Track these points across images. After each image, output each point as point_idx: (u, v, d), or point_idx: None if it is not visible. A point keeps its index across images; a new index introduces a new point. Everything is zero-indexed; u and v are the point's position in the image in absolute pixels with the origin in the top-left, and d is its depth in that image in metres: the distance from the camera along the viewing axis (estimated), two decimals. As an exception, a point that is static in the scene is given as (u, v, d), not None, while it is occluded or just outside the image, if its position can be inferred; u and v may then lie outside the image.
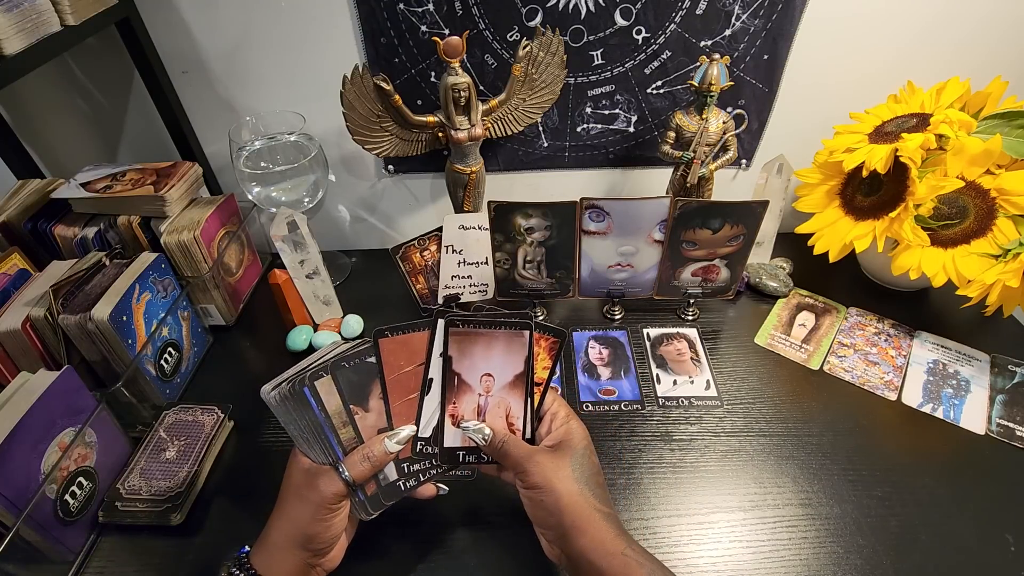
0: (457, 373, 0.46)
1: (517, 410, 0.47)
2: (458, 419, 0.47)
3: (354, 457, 0.43)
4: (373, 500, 0.45)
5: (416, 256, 0.72)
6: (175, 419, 0.63)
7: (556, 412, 0.47)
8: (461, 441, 0.47)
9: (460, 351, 0.46)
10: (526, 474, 0.43)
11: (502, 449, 0.45)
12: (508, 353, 0.46)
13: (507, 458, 0.44)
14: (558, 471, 0.42)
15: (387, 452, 0.44)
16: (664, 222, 0.67)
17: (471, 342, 0.46)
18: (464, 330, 0.46)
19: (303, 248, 0.70)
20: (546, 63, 0.70)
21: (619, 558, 0.39)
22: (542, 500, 0.42)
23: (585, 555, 0.40)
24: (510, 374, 0.47)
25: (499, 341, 0.46)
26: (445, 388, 0.47)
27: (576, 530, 0.40)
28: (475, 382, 0.47)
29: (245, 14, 0.70)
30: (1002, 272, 0.61)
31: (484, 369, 0.47)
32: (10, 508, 0.46)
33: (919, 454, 0.60)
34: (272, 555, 0.42)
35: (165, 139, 0.78)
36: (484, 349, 0.46)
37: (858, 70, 0.76)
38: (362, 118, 0.67)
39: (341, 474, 0.42)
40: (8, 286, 0.62)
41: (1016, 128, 0.63)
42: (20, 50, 0.54)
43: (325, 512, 0.42)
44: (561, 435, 0.45)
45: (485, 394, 0.47)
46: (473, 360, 0.46)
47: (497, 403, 0.47)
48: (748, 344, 0.73)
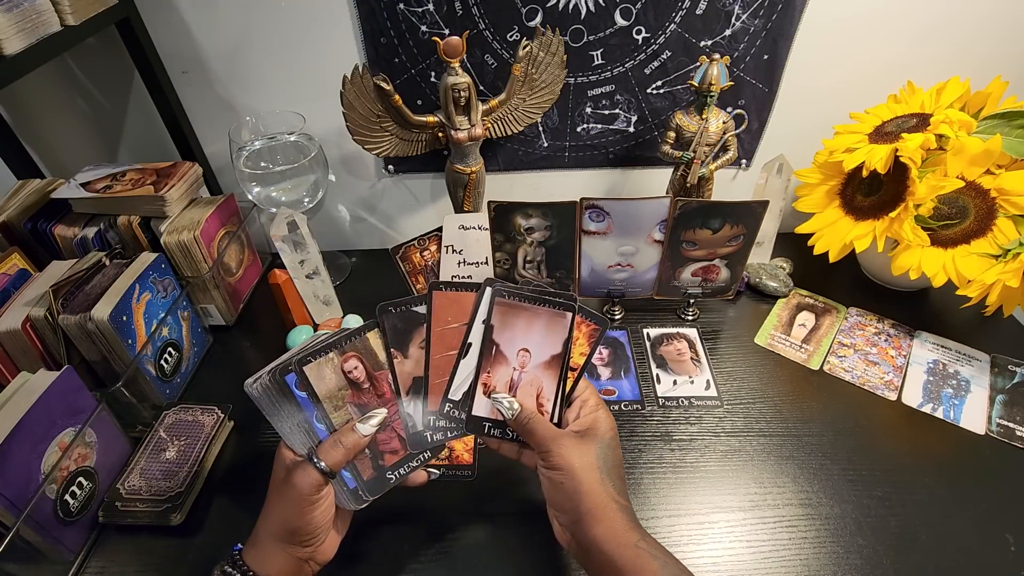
0: (496, 343, 0.46)
1: (548, 391, 0.47)
2: (490, 389, 0.47)
3: (326, 444, 0.43)
4: (364, 489, 0.45)
5: (416, 256, 0.72)
6: (175, 419, 0.63)
7: (587, 399, 0.47)
8: (489, 412, 0.47)
9: (502, 322, 0.46)
10: (549, 454, 0.42)
11: (528, 426, 0.44)
12: (548, 332, 0.46)
13: (533, 435, 0.44)
14: (582, 456, 0.42)
15: (360, 437, 0.43)
16: (664, 222, 0.67)
17: (515, 314, 0.46)
18: (510, 302, 0.46)
19: (303, 248, 0.70)
20: (546, 63, 0.70)
21: (632, 549, 0.39)
22: (562, 483, 0.41)
23: (597, 543, 0.40)
24: (547, 353, 0.46)
25: (541, 319, 0.46)
26: (482, 355, 0.46)
27: (591, 517, 0.40)
28: (512, 355, 0.47)
29: (245, 14, 0.70)
30: (1002, 272, 0.61)
31: (523, 344, 0.46)
32: (10, 508, 0.46)
33: (919, 454, 0.60)
34: (263, 551, 0.42)
35: (165, 139, 0.78)
36: (526, 324, 0.46)
37: (858, 70, 0.76)
38: (362, 118, 0.67)
39: (316, 464, 0.42)
40: (8, 286, 0.62)
41: (1016, 128, 0.63)
42: (20, 50, 0.54)
43: (305, 504, 0.41)
44: (589, 423, 0.45)
45: (520, 369, 0.47)
46: (513, 333, 0.46)
47: (530, 380, 0.47)
48: (748, 344, 0.73)
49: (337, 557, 0.45)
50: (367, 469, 0.46)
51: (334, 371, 0.45)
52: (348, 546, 0.47)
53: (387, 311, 0.46)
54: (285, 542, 0.42)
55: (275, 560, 0.42)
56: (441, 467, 0.51)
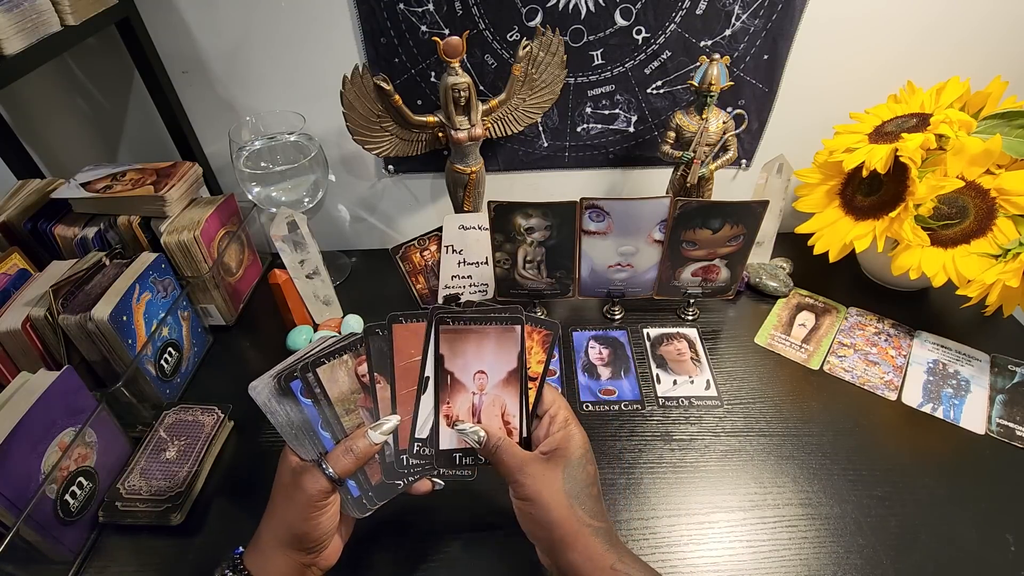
0: (450, 372, 0.46)
1: (513, 407, 0.46)
2: (452, 419, 0.46)
3: (336, 451, 0.42)
4: (368, 498, 0.45)
5: (416, 256, 0.72)
6: (175, 419, 0.63)
7: (555, 415, 0.46)
8: (457, 442, 0.46)
9: (452, 349, 0.45)
10: (518, 484, 0.42)
11: (496, 455, 0.44)
12: (500, 349, 0.46)
13: (500, 465, 0.43)
14: (550, 484, 0.41)
15: (371, 444, 0.43)
16: (664, 222, 0.67)
17: (462, 340, 0.45)
18: (455, 327, 0.45)
19: (303, 248, 0.70)
20: (546, 63, 0.70)
21: (608, 572, 0.39)
22: (531, 513, 0.41)
23: (574, 569, 0.39)
24: (503, 371, 0.46)
25: (490, 337, 0.45)
26: (438, 387, 0.46)
27: (564, 544, 0.40)
28: (468, 380, 0.46)
29: (245, 14, 0.70)
30: (1002, 272, 0.61)
31: (477, 367, 0.46)
32: (10, 508, 0.46)
33: (919, 454, 0.60)
34: (265, 556, 0.42)
35: (165, 139, 0.78)
36: (476, 346, 0.46)
37: (858, 70, 0.76)
38: (362, 118, 0.67)
39: (324, 471, 0.41)
40: (8, 286, 0.62)
41: (1016, 128, 0.63)
42: (20, 50, 0.54)
43: (312, 511, 0.41)
44: (558, 440, 0.44)
45: (479, 392, 0.46)
46: (465, 358, 0.46)
47: (492, 401, 0.46)
48: (748, 344, 0.73)
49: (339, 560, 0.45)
50: (376, 474, 0.46)
51: (347, 374, 0.44)
52: (347, 547, 0.47)
53: (373, 333, 0.44)
54: (289, 547, 0.42)
55: (277, 565, 0.42)
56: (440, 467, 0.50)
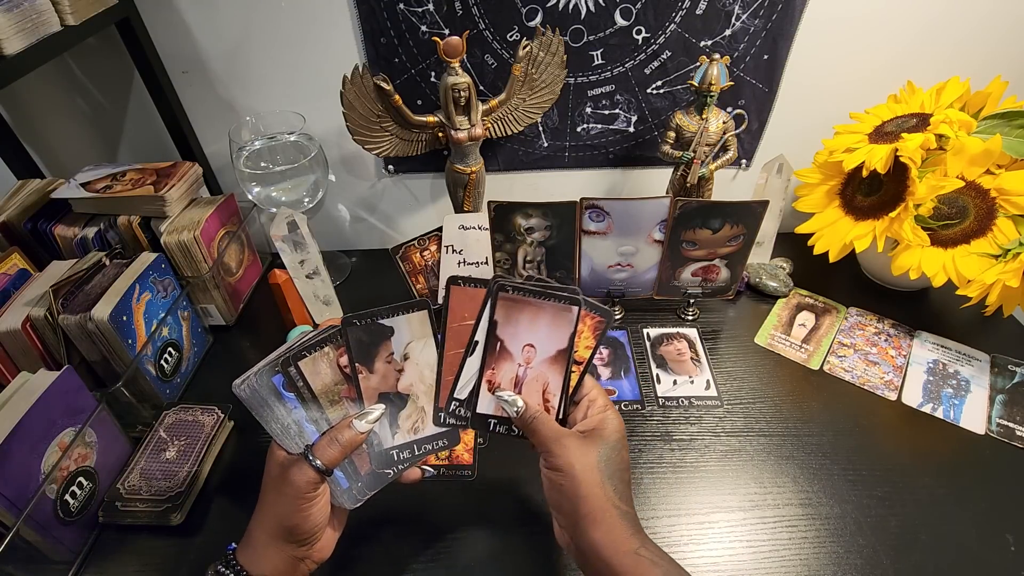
0: (500, 339, 0.46)
1: (555, 386, 0.46)
2: (495, 386, 0.46)
3: (322, 442, 0.42)
4: (358, 488, 0.45)
5: (416, 256, 0.72)
6: (175, 419, 0.63)
7: (595, 399, 0.46)
8: (494, 409, 0.46)
9: (506, 317, 0.46)
10: (551, 455, 0.42)
11: (532, 425, 0.44)
12: (553, 327, 0.46)
13: (535, 435, 0.43)
14: (584, 458, 0.41)
15: (357, 433, 0.43)
16: (664, 222, 0.67)
17: (518, 310, 0.46)
18: (513, 296, 0.45)
19: (303, 248, 0.70)
20: (546, 63, 0.70)
21: (631, 556, 0.38)
22: (562, 484, 0.41)
23: (596, 549, 0.39)
24: (552, 348, 0.46)
25: (546, 313, 0.45)
26: (486, 352, 0.46)
27: (590, 521, 0.39)
28: (517, 351, 0.46)
29: (245, 14, 0.70)
30: (1002, 272, 0.61)
31: (527, 339, 0.46)
32: (10, 508, 0.46)
33: (919, 454, 0.60)
34: (257, 551, 0.42)
35: (165, 139, 0.78)
36: (530, 319, 0.46)
37: (858, 70, 0.76)
38: (362, 118, 0.67)
39: (311, 462, 0.41)
40: (8, 286, 0.62)
41: (1016, 128, 0.63)
42: (20, 50, 0.54)
43: (302, 502, 0.41)
44: (595, 423, 0.44)
45: (525, 365, 0.46)
46: (518, 328, 0.46)
47: (536, 376, 0.46)
48: (748, 344, 0.73)
49: (335, 557, 0.45)
50: (365, 464, 0.46)
51: (330, 366, 0.44)
52: (347, 546, 0.47)
53: (351, 324, 0.44)
54: (281, 540, 0.42)
55: (270, 559, 0.42)
56: (440, 467, 0.50)
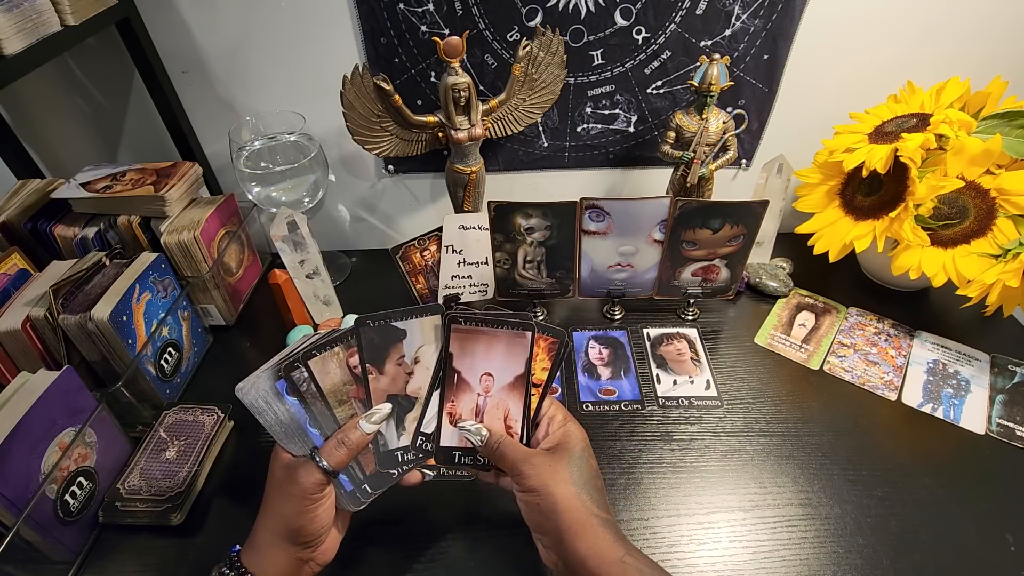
0: (457, 371, 0.46)
1: (516, 412, 0.46)
2: (456, 418, 0.46)
3: (329, 444, 0.43)
4: (362, 491, 0.45)
5: (416, 256, 0.72)
6: (175, 419, 0.63)
7: (553, 416, 0.46)
8: (458, 441, 0.47)
9: (461, 349, 0.46)
10: (522, 476, 0.42)
11: (498, 451, 0.44)
12: (509, 354, 0.46)
13: (503, 460, 0.44)
14: (555, 474, 0.41)
15: (363, 435, 0.43)
16: (664, 222, 0.67)
17: (473, 340, 0.46)
18: (466, 327, 0.46)
19: (303, 248, 0.70)
20: (546, 63, 0.70)
21: (617, 565, 0.38)
22: (538, 504, 0.41)
23: (583, 562, 0.39)
24: (510, 375, 0.46)
25: (501, 341, 0.46)
26: (444, 385, 0.46)
27: (573, 535, 0.39)
28: (475, 381, 0.46)
29: (245, 14, 0.70)
30: (1002, 272, 0.61)
31: (484, 368, 0.46)
32: (10, 508, 0.46)
33: (919, 454, 0.60)
34: (262, 552, 0.42)
35: (165, 139, 0.78)
36: (485, 348, 0.46)
37: (858, 70, 0.76)
38: (362, 118, 0.67)
39: (319, 463, 0.42)
40: (8, 286, 0.62)
41: (1016, 128, 0.63)
42: (20, 50, 0.54)
43: (308, 503, 0.41)
44: (559, 438, 0.44)
45: (484, 394, 0.46)
46: (474, 359, 0.46)
47: (496, 404, 0.46)
48: (748, 344, 0.73)
49: (337, 557, 0.45)
50: (370, 464, 0.46)
51: (339, 365, 0.45)
52: (347, 547, 0.47)
53: (365, 325, 0.45)
54: (286, 542, 0.42)
55: (274, 561, 0.42)
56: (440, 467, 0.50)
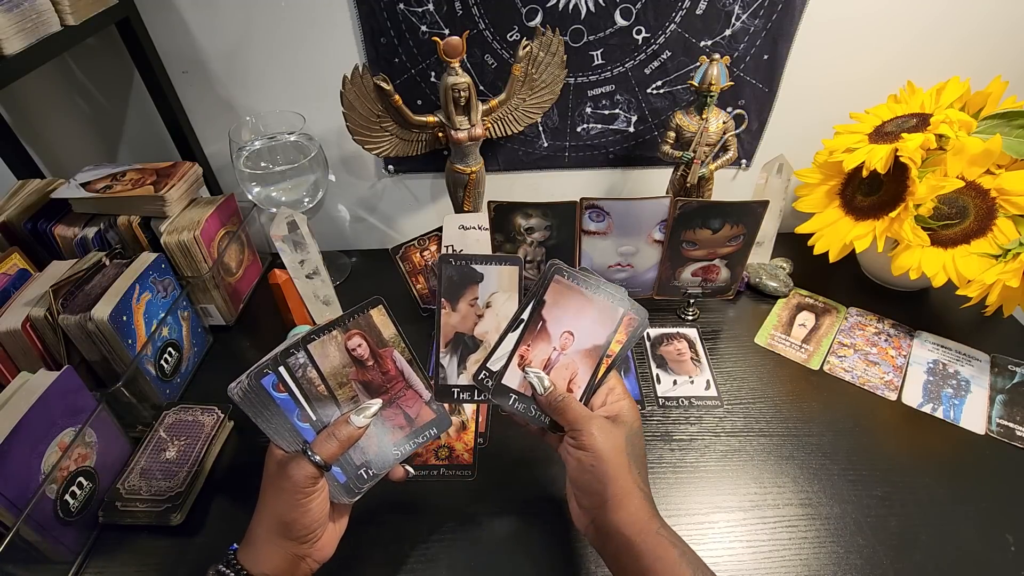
0: (544, 319, 0.46)
1: (582, 378, 0.46)
2: (526, 362, 0.47)
3: (321, 437, 0.43)
4: (359, 477, 0.46)
5: (416, 256, 0.72)
6: (175, 419, 0.63)
7: (613, 387, 0.47)
8: (519, 385, 0.47)
9: (555, 300, 0.46)
10: (582, 434, 0.42)
11: (561, 404, 0.44)
12: (597, 322, 0.46)
13: (564, 414, 0.44)
14: (613, 439, 0.42)
15: (355, 428, 0.43)
16: (664, 222, 0.67)
17: (568, 296, 0.46)
18: (567, 282, 0.46)
19: (303, 248, 0.70)
20: (546, 63, 0.70)
21: (653, 536, 0.40)
22: (592, 465, 0.42)
23: (620, 529, 0.40)
24: (590, 342, 0.46)
25: (593, 307, 0.46)
26: (527, 328, 0.46)
27: (617, 501, 0.41)
28: (556, 335, 0.46)
29: (245, 14, 0.70)
30: (1002, 272, 0.61)
31: (569, 326, 0.46)
32: (10, 508, 0.46)
33: (919, 454, 0.60)
34: (258, 550, 0.42)
35: (165, 139, 0.78)
36: (577, 308, 0.46)
37: (858, 70, 0.76)
38: (362, 118, 0.67)
39: (310, 457, 0.42)
40: (8, 286, 0.62)
41: (1016, 128, 0.63)
42: (20, 50, 0.54)
43: (300, 497, 0.41)
44: (616, 409, 0.45)
45: (560, 350, 0.47)
46: (563, 313, 0.46)
47: (566, 364, 0.46)
48: (748, 344, 0.73)
49: (336, 557, 0.45)
50: (372, 446, 0.46)
51: (338, 349, 0.45)
52: (347, 546, 0.47)
53: (447, 261, 0.47)
54: (282, 537, 0.42)
55: (271, 558, 0.42)
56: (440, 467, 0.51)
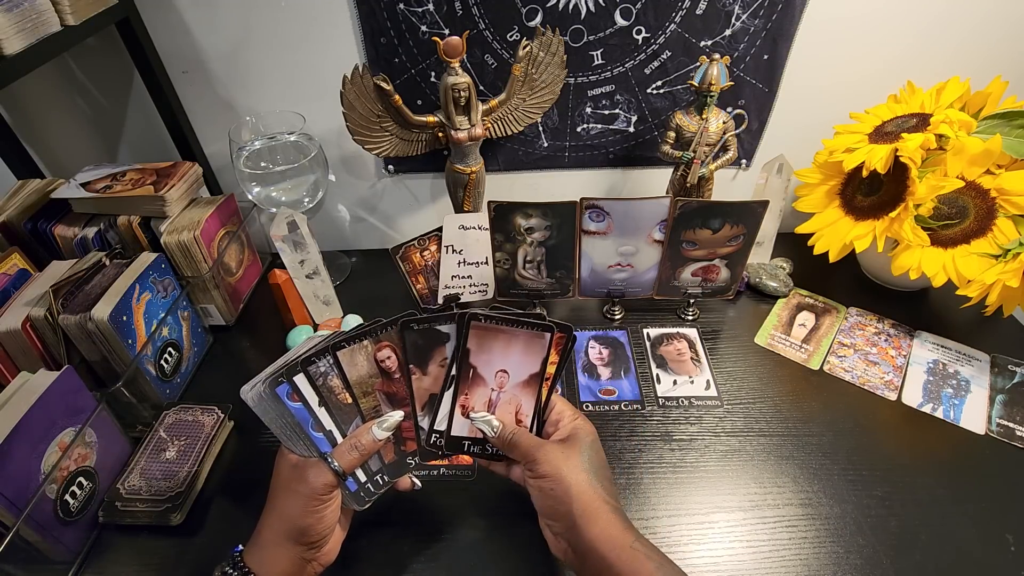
0: (473, 366, 0.47)
1: (527, 408, 0.47)
2: (468, 410, 0.47)
3: (343, 447, 0.44)
4: (371, 484, 0.46)
5: (416, 256, 0.72)
6: (175, 419, 0.63)
7: (562, 411, 0.48)
8: (468, 431, 0.47)
9: (479, 345, 0.47)
10: (536, 463, 0.43)
11: (512, 440, 0.45)
12: (526, 353, 0.47)
13: (517, 448, 0.44)
14: (568, 460, 0.42)
15: (375, 440, 0.44)
16: (664, 222, 0.67)
17: (491, 338, 0.47)
18: (486, 325, 0.46)
19: (303, 248, 0.70)
20: (546, 63, 0.70)
21: (628, 551, 0.39)
22: (552, 490, 0.42)
23: (594, 547, 0.40)
24: (525, 373, 0.47)
25: (519, 340, 0.47)
26: (459, 379, 0.47)
27: (585, 520, 0.40)
28: (490, 377, 0.47)
29: (245, 14, 0.70)
30: (1002, 272, 0.61)
31: (500, 365, 0.47)
32: (10, 508, 0.46)
33: (919, 454, 0.60)
34: (265, 552, 0.42)
35: (165, 139, 0.78)
36: (503, 346, 0.47)
37: (858, 70, 0.76)
38: (362, 118, 0.67)
39: (331, 464, 0.42)
40: (8, 286, 0.62)
41: (1016, 128, 0.63)
42: (20, 50, 0.54)
43: (316, 503, 0.42)
44: (569, 431, 0.46)
45: (498, 389, 0.47)
46: (491, 356, 0.47)
47: (508, 399, 0.47)
48: (748, 344, 0.73)
49: (337, 557, 0.45)
50: (389, 453, 0.47)
51: (367, 358, 0.46)
52: (348, 546, 0.47)
53: (409, 327, 0.46)
54: (291, 541, 0.42)
55: (277, 561, 0.42)
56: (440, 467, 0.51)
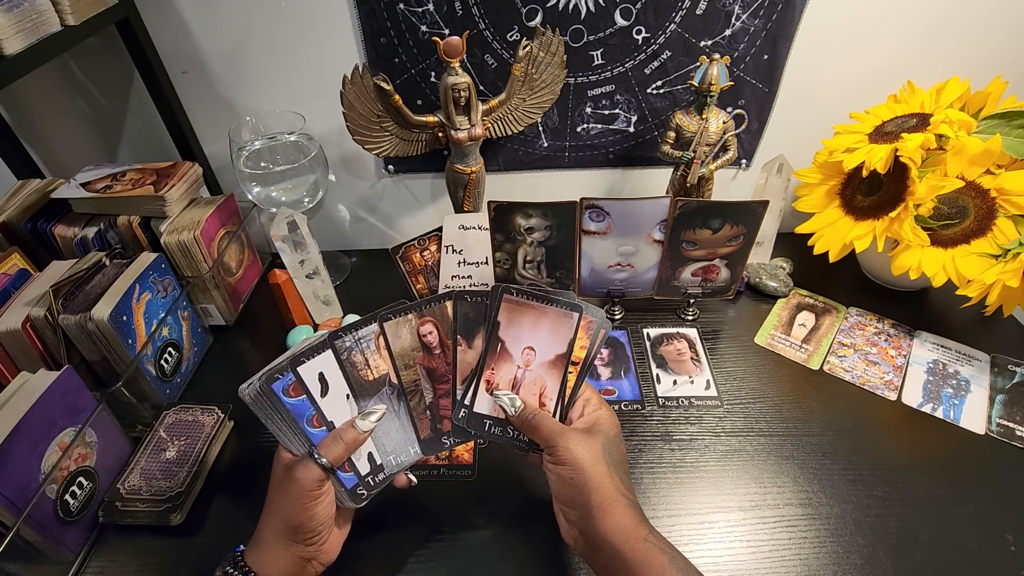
0: (502, 340, 0.47)
1: (552, 390, 0.47)
2: (493, 386, 0.47)
3: (327, 440, 0.44)
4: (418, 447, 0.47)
5: (416, 256, 0.72)
6: (175, 419, 0.63)
7: (589, 398, 0.47)
8: (491, 409, 0.47)
9: (509, 319, 0.47)
10: (556, 449, 0.42)
11: (533, 422, 0.45)
12: (554, 332, 0.47)
13: (538, 431, 0.44)
14: (589, 450, 0.42)
15: (360, 432, 0.44)
16: (664, 222, 0.67)
17: (521, 312, 0.47)
18: (517, 299, 0.47)
19: (303, 248, 0.70)
20: (546, 63, 0.70)
21: (641, 543, 0.39)
22: (571, 478, 0.42)
23: (607, 538, 0.40)
24: (552, 352, 0.47)
25: (548, 318, 0.47)
26: (487, 352, 0.47)
27: (601, 511, 0.40)
28: (517, 353, 0.47)
29: (245, 14, 0.70)
30: (1002, 272, 0.61)
31: (528, 342, 0.47)
32: (10, 508, 0.46)
33: (919, 454, 0.60)
34: (265, 551, 0.42)
35: (165, 139, 0.78)
36: (532, 322, 0.47)
37: (858, 70, 0.76)
38: (362, 118, 0.67)
39: (317, 460, 0.42)
40: (8, 286, 0.62)
41: (1016, 128, 0.63)
42: (20, 50, 0.54)
43: (307, 500, 0.42)
44: (593, 420, 0.45)
45: (524, 367, 0.47)
46: (520, 331, 0.47)
47: (533, 379, 0.47)
48: (748, 344, 0.73)
49: (337, 558, 0.45)
50: (425, 429, 0.48)
51: (410, 332, 0.47)
52: (348, 546, 0.47)
53: (463, 298, 0.47)
54: (288, 540, 0.42)
55: (278, 560, 0.42)
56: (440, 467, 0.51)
